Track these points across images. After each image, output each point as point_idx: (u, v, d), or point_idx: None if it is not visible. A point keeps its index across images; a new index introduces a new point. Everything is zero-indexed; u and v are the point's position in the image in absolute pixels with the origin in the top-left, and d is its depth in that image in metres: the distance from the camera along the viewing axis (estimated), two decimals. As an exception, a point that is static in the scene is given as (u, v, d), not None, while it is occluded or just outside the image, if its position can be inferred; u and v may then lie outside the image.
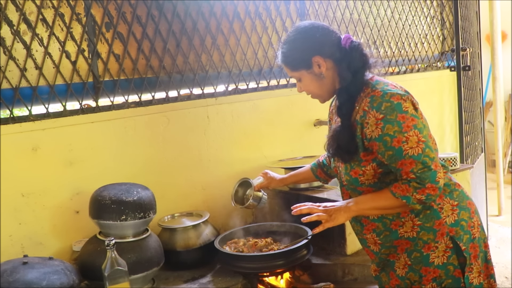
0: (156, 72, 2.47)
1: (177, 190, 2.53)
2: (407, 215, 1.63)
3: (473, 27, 4.22)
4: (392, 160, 1.55)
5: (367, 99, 1.58)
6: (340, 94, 1.66)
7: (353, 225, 1.82)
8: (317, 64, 1.66)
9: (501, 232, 4.27)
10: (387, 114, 1.53)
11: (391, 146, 1.53)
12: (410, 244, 1.65)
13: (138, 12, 2.38)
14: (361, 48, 1.66)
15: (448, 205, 1.64)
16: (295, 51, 1.69)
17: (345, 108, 1.63)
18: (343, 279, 2.24)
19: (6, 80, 2.05)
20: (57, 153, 2.18)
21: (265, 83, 2.88)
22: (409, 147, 1.52)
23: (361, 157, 1.62)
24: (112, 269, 1.73)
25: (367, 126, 1.56)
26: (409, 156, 1.52)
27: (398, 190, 1.56)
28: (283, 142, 2.93)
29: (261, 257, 2.11)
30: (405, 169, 1.53)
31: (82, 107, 2.25)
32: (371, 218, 1.70)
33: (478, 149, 4.28)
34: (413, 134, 1.52)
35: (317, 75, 1.68)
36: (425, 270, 1.64)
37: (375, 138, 1.55)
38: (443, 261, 1.62)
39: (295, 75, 1.74)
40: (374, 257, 1.77)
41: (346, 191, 1.78)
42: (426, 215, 1.62)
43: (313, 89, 1.73)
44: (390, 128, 1.52)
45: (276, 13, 2.92)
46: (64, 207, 2.20)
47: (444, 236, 1.62)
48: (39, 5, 2.10)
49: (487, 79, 5.57)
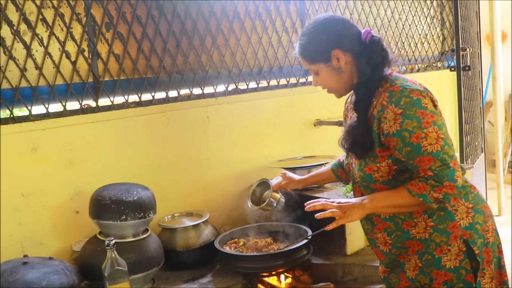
0: (156, 72, 2.47)
1: (177, 190, 2.53)
2: (420, 215, 1.60)
3: (473, 27, 4.23)
4: (410, 156, 1.51)
5: (385, 94, 1.55)
6: (358, 89, 1.62)
7: (364, 224, 1.77)
8: (336, 57, 1.62)
9: (501, 232, 4.24)
10: (406, 109, 1.50)
11: (409, 142, 1.50)
12: (422, 246, 1.61)
13: (138, 12, 2.38)
14: (382, 43, 1.63)
15: (463, 207, 1.60)
16: (313, 43, 1.65)
17: (362, 103, 1.60)
18: (343, 279, 2.24)
19: (6, 80, 2.05)
20: (57, 153, 2.18)
21: (265, 83, 2.88)
22: (428, 143, 1.49)
23: (376, 153, 1.59)
24: (112, 269, 1.73)
25: (385, 121, 1.53)
26: (428, 153, 1.48)
27: (415, 188, 1.52)
28: (283, 142, 2.93)
29: (261, 257, 2.11)
30: (423, 166, 1.50)
31: (82, 107, 2.25)
32: (382, 217, 1.67)
33: (478, 149, 4.28)
34: (433, 130, 1.49)
35: (336, 69, 1.64)
36: (436, 273, 1.60)
37: (392, 133, 1.52)
38: (455, 264, 1.59)
39: (312, 68, 1.69)
40: (384, 257, 1.73)
41: (358, 188, 1.74)
42: (440, 216, 1.59)
43: (330, 84, 1.69)
44: (409, 123, 1.49)
45: (276, 13, 2.92)
46: (64, 207, 2.20)
47: (457, 239, 1.58)
48: (39, 5, 2.10)
49: (487, 79, 5.57)
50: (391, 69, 1.65)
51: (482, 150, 4.38)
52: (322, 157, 2.75)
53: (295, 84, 3.01)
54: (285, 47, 2.96)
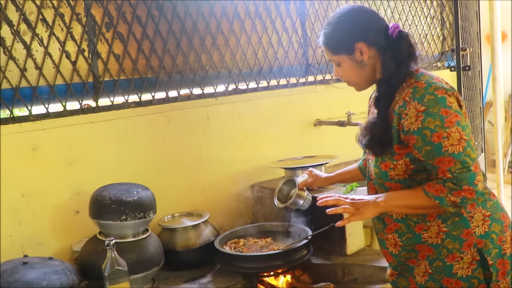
0: (156, 72, 2.47)
1: (177, 190, 2.53)
2: (433, 219, 1.54)
3: (473, 27, 4.22)
4: (430, 156, 1.46)
5: (409, 90, 1.50)
6: (381, 85, 1.58)
7: (375, 223, 1.71)
8: (360, 50, 1.57)
9: (501, 232, 4.26)
10: (429, 106, 1.44)
11: (430, 141, 1.44)
12: (433, 252, 1.56)
13: (138, 12, 2.38)
14: (409, 39, 1.58)
15: (479, 214, 1.53)
16: (338, 34, 1.60)
17: (384, 100, 1.55)
18: (343, 279, 2.24)
19: (6, 80, 2.05)
20: (57, 153, 2.18)
21: (265, 83, 2.88)
22: (450, 143, 1.43)
23: (394, 149, 1.53)
24: (112, 269, 1.73)
25: (406, 117, 1.48)
26: (449, 154, 1.43)
27: (432, 189, 1.46)
28: (283, 142, 2.93)
29: (261, 257, 2.11)
30: (442, 168, 1.44)
31: (82, 107, 2.25)
32: (394, 218, 1.61)
33: (478, 149, 4.28)
34: (456, 130, 1.43)
35: (358, 62, 1.59)
36: (446, 281, 1.54)
37: (413, 131, 1.47)
38: (467, 273, 1.52)
39: (334, 59, 1.64)
40: (392, 259, 1.68)
41: (373, 186, 1.69)
42: (454, 222, 1.53)
43: (351, 76, 1.64)
44: (431, 121, 1.44)
45: (276, 13, 2.92)
46: (64, 207, 2.20)
47: (471, 247, 1.52)
48: (39, 5, 2.10)
49: (487, 79, 5.56)
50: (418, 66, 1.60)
51: (482, 150, 4.38)
52: (322, 157, 2.74)
53: (295, 84, 3.01)
54: (285, 47, 2.96)
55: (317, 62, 3.10)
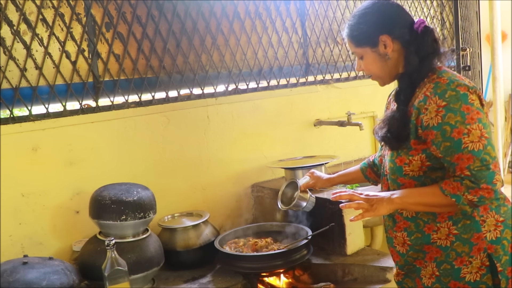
0: (156, 72, 2.47)
1: (177, 190, 2.53)
2: (444, 221, 1.52)
3: (473, 27, 4.22)
4: (448, 152, 1.43)
5: (430, 85, 1.49)
6: (402, 79, 1.56)
7: (385, 220, 1.69)
8: (384, 43, 1.56)
9: (501, 232, 4.26)
10: (450, 102, 1.42)
11: (450, 137, 1.42)
12: (441, 254, 1.54)
13: (138, 12, 2.38)
14: (434, 34, 1.57)
15: (492, 219, 1.50)
16: (362, 26, 1.59)
17: (404, 94, 1.54)
18: (343, 279, 2.24)
19: (6, 80, 2.05)
20: (57, 153, 2.18)
21: (265, 83, 2.88)
22: (470, 140, 1.40)
23: (411, 144, 1.51)
24: (112, 269, 1.73)
25: (426, 112, 1.46)
26: (468, 151, 1.40)
27: (449, 187, 1.43)
28: (283, 142, 2.93)
29: (261, 257, 2.11)
30: (461, 165, 1.41)
31: (82, 107, 2.25)
32: (404, 215, 1.59)
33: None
34: (477, 128, 1.40)
35: (382, 55, 1.58)
36: (454, 284, 1.52)
37: (432, 126, 1.44)
38: (475, 278, 1.50)
39: (358, 51, 1.62)
40: (399, 259, 1.66)
41: (387, 182, 1.66)
42: (465, 225, 1.50)
43: (375, 70, 1.62)
44: (452, 117, 1.41)
45: (276, 13, 2.92)
46: (64, 207, 2.20)
47: (480, 251, 1.49)
48: (39, 5, 2.10)
49: (487, 79, 5.56)
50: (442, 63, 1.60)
51: (482, 150, 4.38)
52: (322, 157, 2.74)
53: (295, 84, 3.01)
54: (285, 47, 2.96)
55: (317, 62, 3.10)
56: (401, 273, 1.69)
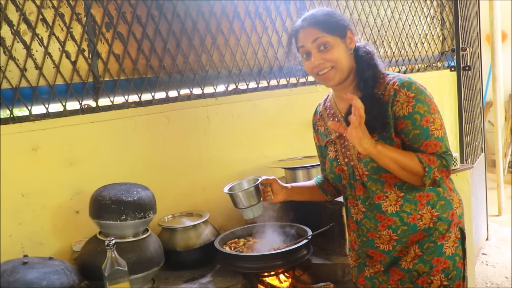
0: (156, 72, 2.47)
1: (177, 190, 2.53)
2: (423, 207, 1.62)
3: (473, 27, 4.22)
4: (417, 139, 1.54)
5: (394, 81, 1.57)
6: (367, 69, 1.61)
7: (365, 223, 1.68)
8: (350, 38, 1.62)
9: (501, 232, 4.27)
10: (417, 94, 1.54)
11: (419, 125, 1.53)
12: (423, 235, 1.63)
13: (138, 12, 2.38)
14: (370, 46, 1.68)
15: (456, 198, 1.69)
16: (333, 18, 1.63)
17: (372, 80, 1.60)
18: (343, 279, 2.24)
19: (6, 80, 2.05)
20: (57, 153, 2.18)
21: (265, 83, 2.88)
22: (435, 128, 1.54)
23: (392, 138, 1.58)
24: (112, 269, 1.73)
25: (397, 104, 1.55)
26: (435, 138, 1.54)
27: (426, 158, 1.52)
28: (283, 142, 2.94)
29: (261, 257, 2.11)
30: (430, 150, 1.54)
31: (82, 107, 2.25)
32: (389, 212, 1.62)
33: (478, 149, 4.28)
34: (438, 117, 1.56)
35: (347, 49, 1.62)
36: (436, 261, 1.62)
37: (403, 115, 1.55)
38: (452, 252, 1.64)
39: (327, 39, 1.58)
40: (384, 257, 1.68)
41: (361, 186, 1.66)
42: (442, 205, 1.64)
43: (343, 59, 1.59)
44: (420, 107, 1.53)
45: (276, 13, 2.92)
46: (64, 207, 2.20)
47: (455, 226, 1.65)
48: (39, 5, 2.10)
49: (487, 79, 5.57)
50: None
51: (482, 150, 4.38)
52: (322, 157, 2.74)
53: (295, 84, 3.01)
54: (285, 47, 2.96)
55: (317, 62, 3.10)
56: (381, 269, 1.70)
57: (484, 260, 3.72)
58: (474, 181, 3.60)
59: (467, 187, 3.04)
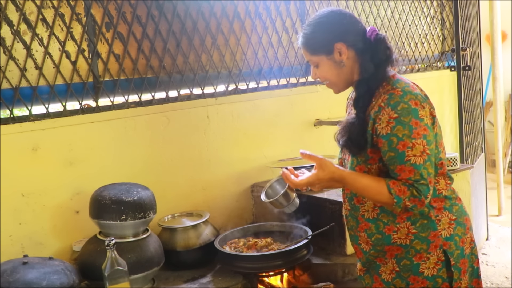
0: (156, 72, 2.47)
1: (177, 190, 2.53)
2: (403, 221, 1.59)
3: (473, 27, 4.22)
4: (392, 162, 1.52)
5: (385, 96, 1.53)
6: (360, 86, 1.61)
7: (349, 220, 1.75)
8: (339, 51, 1.61)
9: (501, 232, 4.27)
10: (401, 115, 1.49)
11: (395, 148, 1.50)
12: (401, 251, 1.61)
13: (138, 12, 2.38)
14: (386, 42, 1.62)
15: (446, 218, 1.61)
16: (317, 34, 1.63)
17: (362, 101, 1.59)
18: (343, 279, 2.24)
19: (6, 80, 2.05)
20: (57, 153, 2.18)
21: (265, 83, 2.88)
22: (413, 154, 1.49)
23: (368, 153, 1.58)
24: (112, 269, 1.73)
25: (379, 122, 1.52)
26: (410, 164, 1.49)
27: (396, 188, 1.50)
28: (283, 142, 2.93)
29: (261, 257, 2.11)
30: (402, 176, 1.50)
31: (82, 107, 2.25)
32: (365, 217, 1.65)
33: (478, 149, 4.28)
34: (421, 143, 1.49)
35: (337, 62, 1.62)
36: (413, 279, 1.60)
37: (382, 135, 1.52)
38: (432, 273, 1.59)
39: (313, 59, 1.65)
40: (362, 255, 1.72)
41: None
42: (423, 224, 1.59)
43: (330, 77, 1.65)
44: (400, 129, 1.49)
45: (276, 13, 2.92)
46: (64, 207, 2.20)
47: (437, 248, 1.59)
48: (39, 5, 2.10)
49: (487, 79, 5.56)
50: (394, 69, 1.65)
51: (482, 150, 4.38)
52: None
53: (295, 84, 3.01)
54: (285, 47, 2.96)
55: (317, 62, 3.10)
56: (363, 269, 1.74)
57: (484, 260, 3.71)
58: (474, 181, 3.60)
59: (467, 187, 3.05)
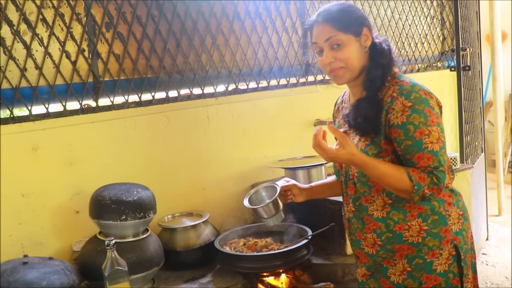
0: (156, 72, 2.47)
1: (177, 190, 2.53)
2: (414, 219, 1.57)
3: (473, 27, 4.22)
4: (409, 151, 1.49)
5: (395, 87, 1.53)
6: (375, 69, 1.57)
7: (353, 222, 1.70)
8: (366, 36, 1.58)
9: (501, 232, 4.27)
10: (416, 103, 1.49)
11: (412, 136, 1.48)
12: (413, 250, 1.58)
13: (138, 12, 2.38)
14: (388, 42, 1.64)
15: (455, 213, 1.61)
16: (348, 14, 1.57)
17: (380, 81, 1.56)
18: (343, 279, 2.24)
19: (6, 80, 2.05)
20: (57, 153, 2.18)
21: (265, 83, 2.88)
22: (430, 141, 1.48)
23: (381, 145, 1.55)
24: (112, 269, 1.73)
25: (393, 112, 1.51)
26: (428, 151, 1.48)
27: (416, 175, 1.48)
28: (283, 142, 2.93)
29: (261, 257, 2.11)
30: (421, 163, 1.48)
31: (82, 107, 2.25)
32: (374, 217, 1.62)
33: (478, 149, 4.28)
34: (436, 130, 1.49)
35: (362, 47, 1.58)
36: (426, 277, 1.58)
37: (397, 125, 1.50)
38: (444, 268, 1.58)
39: (340, 37, 1.55)
40: (367, 259, 1.68)
41: (353, 185, 1.67)
42: (434, 220, 1.57)
43: (353, 60, 1.57)
44: (416, 117, 1.48)
45: (276, 13, 2.92)
46: (64, 207, 2.20)
47: (448, 243, 1.58)
48: (39, 5, 2.10)
49: (487, 79, 5.56)
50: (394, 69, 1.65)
51: (482, 150, 4.38)
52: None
53: (295, 84, 3.01)
54: (285, 47, 2.96)
55: (317, 62, 3.10)
56: (367, 273, 1.70)
57: (484, 260, 3.72)
58: (474, 181, 3.60)
59: (467, 187, 3.05)
